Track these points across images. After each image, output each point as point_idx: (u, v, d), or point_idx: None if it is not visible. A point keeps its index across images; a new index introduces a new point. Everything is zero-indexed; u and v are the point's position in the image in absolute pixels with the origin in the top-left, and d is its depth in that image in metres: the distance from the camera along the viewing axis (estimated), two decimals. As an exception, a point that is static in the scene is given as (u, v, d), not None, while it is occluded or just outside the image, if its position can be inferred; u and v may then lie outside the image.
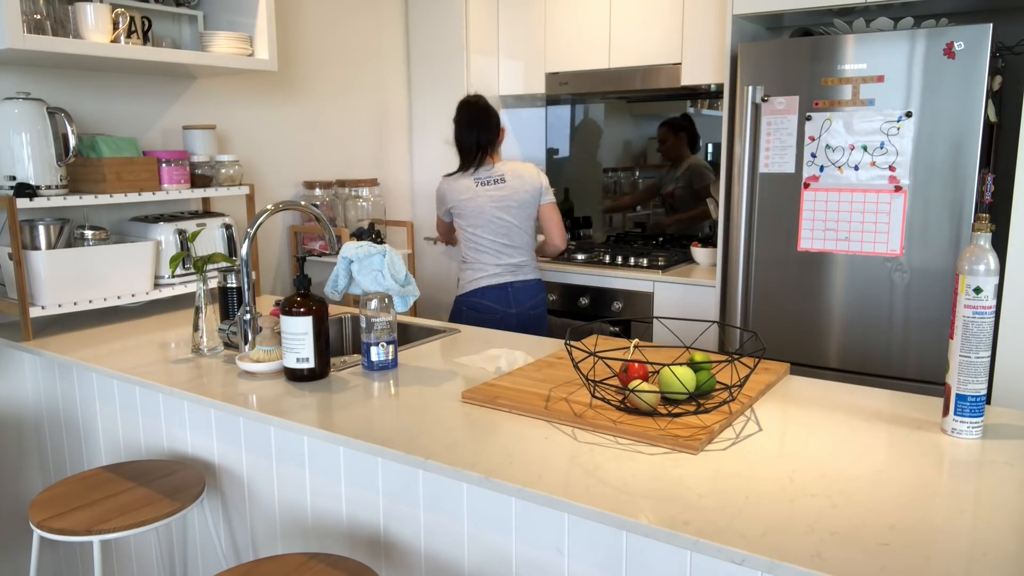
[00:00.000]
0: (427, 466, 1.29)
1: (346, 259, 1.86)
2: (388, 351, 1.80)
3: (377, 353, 1.78)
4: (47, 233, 2.15)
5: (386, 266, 1.84)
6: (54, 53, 2.02)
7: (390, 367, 1.81)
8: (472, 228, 2.68)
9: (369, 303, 1.76)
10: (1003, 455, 1.28)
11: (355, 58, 3.34)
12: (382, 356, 1.79)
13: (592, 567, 1.26)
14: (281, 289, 3.12)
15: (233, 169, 2.60)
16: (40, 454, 2.38)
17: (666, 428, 1.35)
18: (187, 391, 1.68)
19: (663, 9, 3.11)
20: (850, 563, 0.95)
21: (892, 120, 2.42)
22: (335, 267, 1.88)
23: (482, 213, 2.65)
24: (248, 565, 1.44)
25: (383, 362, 1.79)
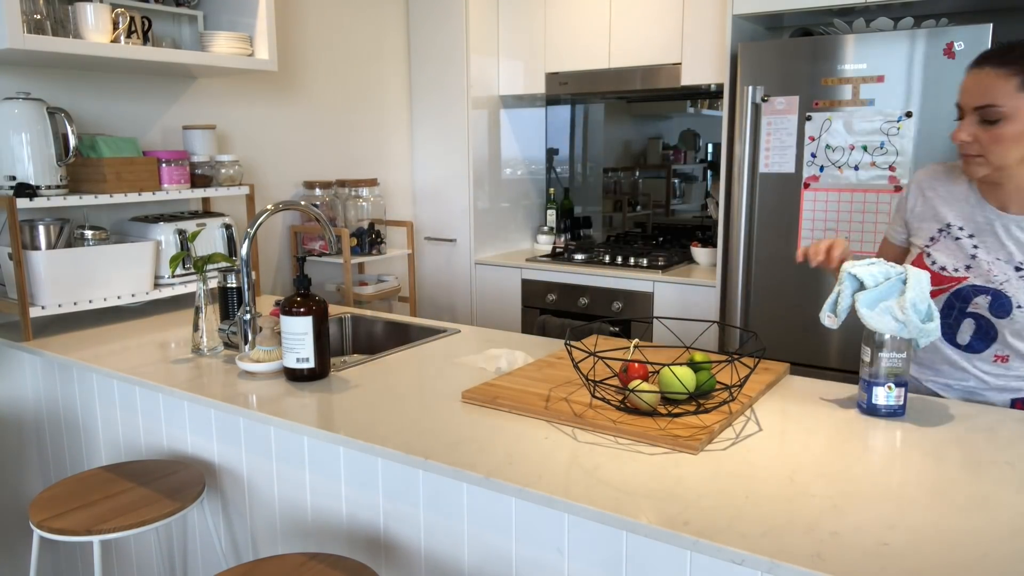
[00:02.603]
0: (427, 466, 1.29)
1: (852, 278, 1.45)
2: (900, 395, 1.43)
3: (886, 396, 1.44)
4: (47, 233, 2.15)
5: (907, 298, 1.38)
6: (54, 53, 2.02)
7: (899, 414, 1.44)
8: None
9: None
10: (1003, 455, 1.28)
11: (355, 58, 3.34)
12: (892, 401, 1.44)
13: (592, 567, 1.26)
14: (281, 289, 3.12)
15: (233, 169, 2.60)
16: (40, 454, 2.38)
17: (666, 428, 1.35)
18: (187, 391, 1.68)
19: (663, 9, 3.11)
20: (850, 563, 0.95)
21: (892, 120, 2.42)
22: (836, 286, 1.48)
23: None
24: (248, 565, 1.44)
25: (891, 408, 1.44)
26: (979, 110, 1.42)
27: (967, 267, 1.54)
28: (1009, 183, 1.48)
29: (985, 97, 1.40)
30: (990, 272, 1.51)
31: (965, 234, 1.55)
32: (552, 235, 3.76)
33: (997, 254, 1.51)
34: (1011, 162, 1.43)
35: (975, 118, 1.43)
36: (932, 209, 1.61)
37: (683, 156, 3.73)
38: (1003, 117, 1.40)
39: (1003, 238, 1.50)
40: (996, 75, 1.39)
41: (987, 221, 1.52)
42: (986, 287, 1.51)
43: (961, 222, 1.56)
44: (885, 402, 1.43)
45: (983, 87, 1.41)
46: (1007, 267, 1.49)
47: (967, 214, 1.55)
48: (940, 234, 1.58)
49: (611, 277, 3.15)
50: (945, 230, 1.58)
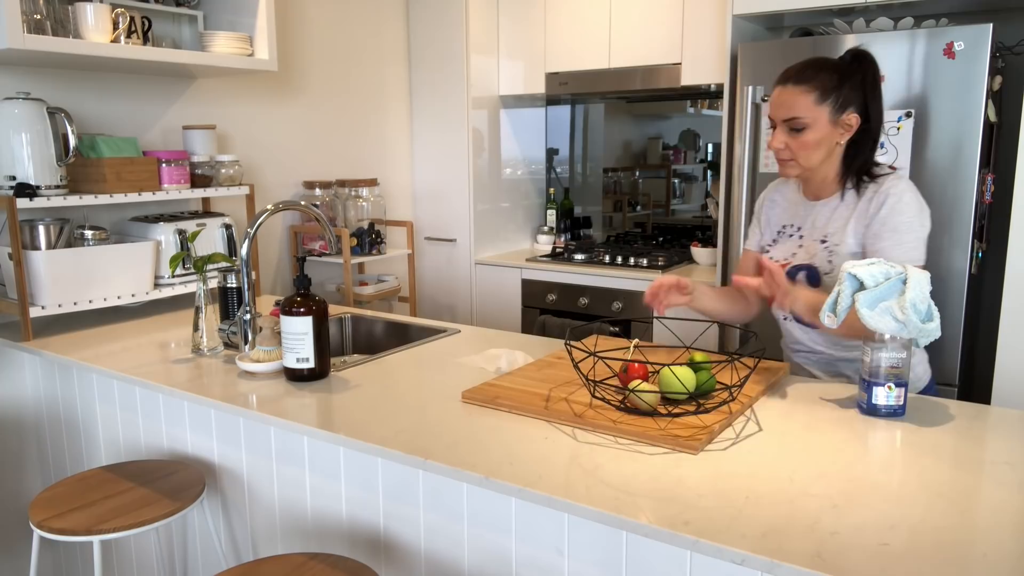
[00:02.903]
0: (427, 466, 1.29)
1: (852, 278, 1.47)
2: (899, 395, 1.44)
3: (886, 396, 1.45)
4: (47, 233, 2.15)
5: (907, 298, 1.40)
6: (54, 53, 2.02)
7: (899, 414, 1.46)
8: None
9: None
10: (1003, 455, 1.28)
11: (355, 58, 3.34)
12: (892, 401, 1.44)
13: (592, 567, 1.26)
14: (281, 289, 3.12)
15: (233, 169, 2.60)
16: (40, 454, 2.38)
17: (666, 428, 1.35)
18: (187, 391, 1.68)
19: (663, 9, 3.11)
20: (850, 563, 0.95)
21: (892, 120, 2.42)
22: (836, 286, 1.49)
23: None
24: (248, 565, 1.44)
25: (891, 408, 1.45)
26: (786, 122, 1.65)
27: (793, 253, 1.77)
28: (816, 177, 1.74)
29: (791, 111, 1.64)
30: (807, 252, 1.74)
31: (794, 228, 1.81)
32: (552, 235, 3.76)
33: (811, 236, 1.75)
34: (815, 163, 1.69)
35: (784, 128, 1.67)
36: (776, 216, 1.87)
37: (683, 156, 3.73)
38: (805, 126, 1.64)
39: (815, 222, 1.76)
40: (797, 91, 1.64)
41: (806, 212, 1.79)
42: (801, 264, 1.73)
43: (791, 221, 1.82)
44: (885, 402, 1.43)
45: (788, 103, 1.64)
46: (816, 244, 1.73)
47: (794, 212, 1.82)
48: (779, 235, 1.84)
49: (611, 277, 3.15)
50: (782, 231, 1.83)
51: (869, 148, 1.70)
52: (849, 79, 1.64)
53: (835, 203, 1.73)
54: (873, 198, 1.66)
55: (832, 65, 1.65)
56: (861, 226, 1.67)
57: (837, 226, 1.70)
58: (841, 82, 1.63)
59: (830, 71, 1.64)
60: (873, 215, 1.64)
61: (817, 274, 1.70)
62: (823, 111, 1.63)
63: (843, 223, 1.69)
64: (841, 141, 1.67)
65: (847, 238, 1.68)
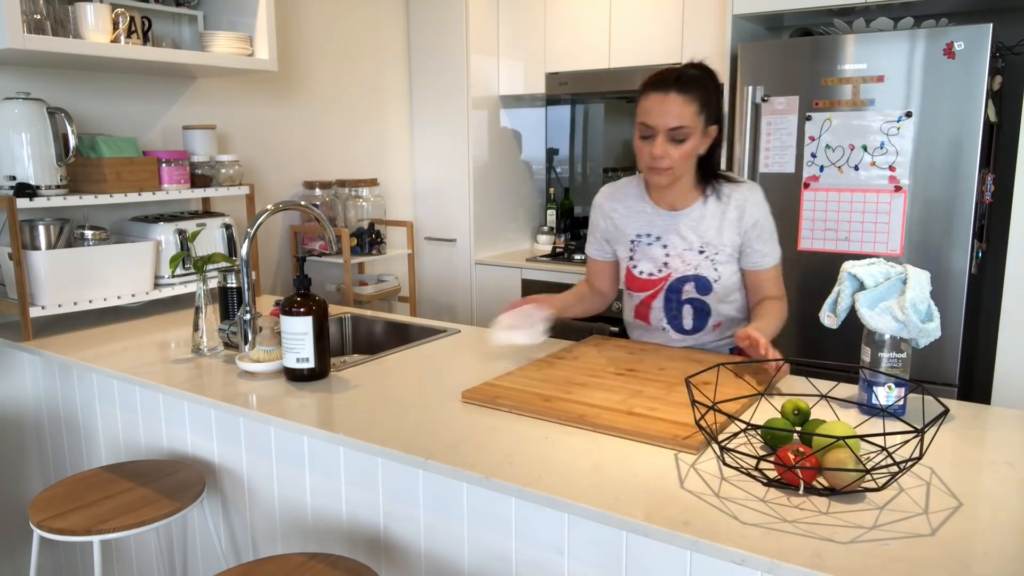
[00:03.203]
0: (427, 466, 1.29)
1: (852, 278, 1.48)
2: (899, 395, 1.43)
3: (886, 396, 1.43)
4: (47, 233, 2.15)
5: (907, 298, 1.39)
6: (54, 53, 2.02)
7: (898, 414, 1.44)
8: None
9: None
10: (1003, 455, 1.28)
11: (355, 58, 3.34)
12: (892, 400, 1.43)
13: (592, 567, 1.26)
14: (281, 289, 3.12)
15: (233, 169, 2.60)
16: (40, 454, 2.38)
17: (677, 436, 1.35)
18: (187, 391, 1.68)
19: (663, 9, 3.11)
20: (850, 563, 0.95)
21: (892, 120, 2.42)
22: (836, 286, 1.50)
23: None
24: (248, 565, 1.44)
25: (891, 408, 1.43)
26: (671, 131, 1.68)
27: (664, 264, 1.84)
28: (676, 186, 1.79)
29: (679, 120, 1.66)
30: (684, 263, 1.81)
31: (652, 238, 1.85)
32: (552, 235, 3.76)
33: (682, 246, 1.82)
34: (685, 173, 1.76)
35: (667, 136, 1.68)
36: (620, 227, 1.91)
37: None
38: (688, 136, 1.68)
39: (682, 232, 1.82)
40: (681, 101, 1.66)
41: (665, 222, 1.83)
42: (687, 275, 1.82)
43: (646, 230, 1.86)
44: (885, 402, 1.43)
45: (674, 112, 1.66)
46: (693, 254, 1.81)
47: (648, 222, 1.86)
48: (634, 244, 1.88)
49: (611, 277, 3.15)
50: (636, 240, 1.88)
51: (718, 158, 1.79)
52: (714, 92, 1.72)
53: (698, 212, 1.80)
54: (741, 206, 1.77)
55: (701, 77, 1.71)
56: (735, 233, 1.78)
57: (711, 235, 1.79)
58: (709, 95, 1.70)
59: (701, 83, 1.70)
60: (749, 224, 1.77)
61: (707, 283, 1.81)
62: (700, 122, 1.69)
63: (716, 231, 1.79)
64: (702, 151, 1.75)
65: (723, 246, 1.79)
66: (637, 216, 1.87)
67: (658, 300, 1.88)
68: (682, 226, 1.81)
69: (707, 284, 1.81)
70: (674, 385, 1.59)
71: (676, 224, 1.82)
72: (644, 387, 1.58)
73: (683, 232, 1.81)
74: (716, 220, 1.79)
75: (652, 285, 1.87)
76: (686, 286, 1.82)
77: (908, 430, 1.22)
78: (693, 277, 1.81)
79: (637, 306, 1.93)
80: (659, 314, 1.90)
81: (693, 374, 1.40)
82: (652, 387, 1.58)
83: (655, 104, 1.68)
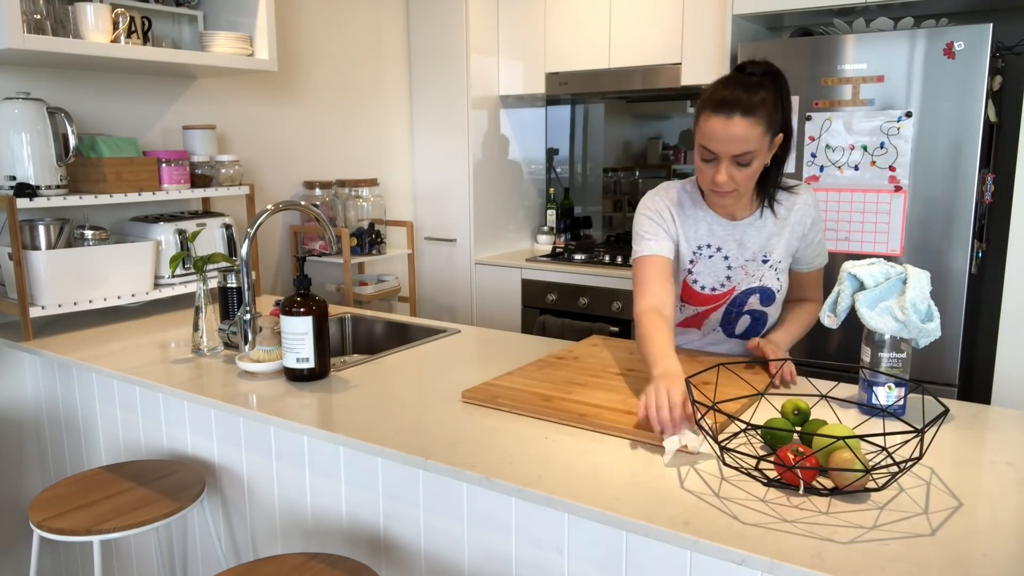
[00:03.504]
0: (427, 466, 1.29)
1: (852, 278, 1.48)
2: (900, 395, 1.43)
3: (886, 396, 1.43)
4: (47, 233, 2.15)
5: (907, 298, 1.39)
6: (54, 53, 2.02)
7: (898, 414, 1.44)
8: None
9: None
10: (1003, 455, 1.28)
11: (355, 58, 3.34)
12: (892, 400, 1.43)
13: (592, 567, 1.26)
14: (281, 289, 3.12)
15: (233, 169, 2.60)
16: (40, 454, 2.38)
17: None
18: (187, 391, 1.68)
19: (663, 9, 3.11)
20: (850, 563, 0.95)
21: (892, 120, 2.42)
22: (836, 286, 1.51)
23: None
24: (248, 565, 1.44)
25: (891, 408, 1.43)
26: (736, 156, 1.55)
27: (728, 278, 1.75)
28: (740, 199, 1.69)
29: (744, 145, 1.54)
30: (748, 275, 1.74)
31: (714, 250, 1.74)
32: (552, 235, 3.76)
33: (744, 257, 1.73)
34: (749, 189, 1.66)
35: (731, 162, 1.57)
36: (691, 235, 1.75)
37: (683, 156, 3.73)
38: (755, 159, 1.57)
39: (745, 242, 1.73)
40: (747, 124, 1.53)
41: (726, 232, 1.73)
42: (752, 287, 1.75)
43: (708, 240, 1.74)
44: (885, 402, 1.43)
45: (740, 138, 1.53)
46: (757, 264, 1.74)
47: (708, 231, 1.74)
48: (696, 255, 1.75)
49: (611, 277, 3.15)
50: (698, 252, 1.75)
51: (782, 164, 1.68)
52: (780, 99, 1.60)
53: (758, 221, 1.73)
54: (803, 212, 1.72)
55: (765, 91, 1.56)
56: (795, 239, 1.74)
57: (773, 243, 1.73)
58: (776, 107, 1.58)
59: (768, 101, 1.56)
60: (808, 227, 1.73)
61: (772, 293, 1.75)
62: (766, 141, 1.58)
63: (778, 240, 1.73)
64: (767, 162, 1.63)
65: (785, 254, 1.74)
66: (702, 224, 1.74)
67: (717, 313, 1.79)
68: (743, 236, 1.72)
69: (771, 295, 1.75)
70: (674, 385, 1.59)
71: (735, 234, 1.72)
72: (644, 387, 1.58)
73: (744, 242, 1.72)
74: (776, 227, 1.73)
75: (714, 300, 1.77)
76: (751, 298, 1.75)
77: (908, 430, 1.22)
78: (758, 289, 1.74)
79: (690, 316, 1.82)
80: (714, 323, 1.82)
81: (693, 374, 1.40)
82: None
83: (718, 129, 1.53)
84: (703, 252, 1.74)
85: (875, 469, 1.12)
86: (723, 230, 1.73)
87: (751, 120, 1.53)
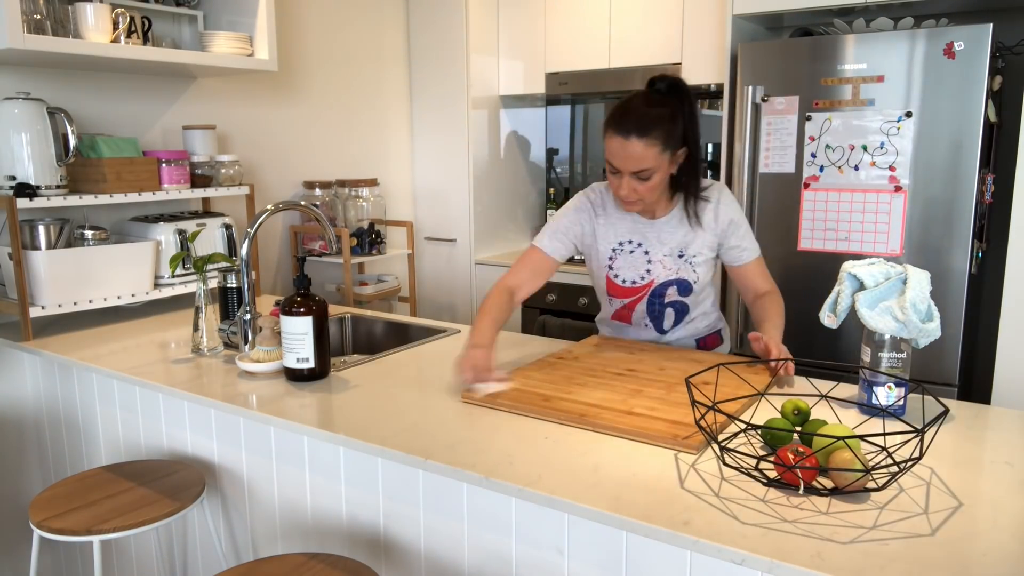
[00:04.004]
0: (427, 466, 1.29)
1: (852, 278, 1.48)
2: (900, 395, 1.42)
3: (886, 396, 1.43)
4: (47, 233, 2.15)
5: (907, 298, 1.39)
6: (54, 53, 2.02)
7: (898, 414, 1.44)
8: None
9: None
10: (1003, 455, 1.28)
11: (355, 58, 3.34)
12: (892, 400, 1.43)
13: (592, 567, 1.26)
14: (281, 289, 3.12)
15: (233, 169, 2.60)
16: (40, 454, 2.38)
17: (677, 436, 1.35)
18: (187, 391, 1.68)
19: (663, 9, 3.11)
20: (850, 563, 0.95)
21: (892, 120, 2.42)
22: (836, 286, 1.51)
23: None
24: (248, 565, 1.44)
25: (891, 408, 1.43)
26: (635, 173, 1.69)
27: (647, 271, 1.87)
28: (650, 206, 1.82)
29: (641, 163, 1.67)
30: (665, 268, 1.86)
31: (635, 245, 1.88)
32: (552, 235, 3.75)
33: (662, 252, 1.86)
34: (657, 197, 1.79)
35: (632, 177, 1.70)
36: (599, 235, 1.90)
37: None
38: (654, 174, 1.70)
39: (663, 238, 1.86)
40: (642, 144, 1.66)
41: (645, 228, 1.87)
42: (669, 279, 1.87)
43: (631, 236, 1.88)
44: (885, 402, 1.43)
45: (637, 157, 1.67)
46: (674, 258, 1.86)
47: (630, 228, 1.88)
48: (615, 252, 1.89)
49: (611, 277, 3.15)
50: (618, 247, 1.89)
51: (693, 169, 1.78)
52: (675, 119, 1.69)
53: (675, 219, 1.86)
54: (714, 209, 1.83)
55: (663, 112, 1.68)
56: (710, 234, 1.85)
57: (689, 239, 1.85)
58: (672, 125, 1.69)
59: (665, 119, 1.68)
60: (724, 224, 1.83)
61: (688, 284, 1.88)
62: (665, 157, 1.70)
63: (693, 236, 1.85)
64: (673, 172, 1.76)
65: (702, 248, 1.85)
66: (620, 223, 1.89)
67: (641, 304, 1.92)
68: (660, 232, 1.86)
69: (688, 286, 1.87)
70: (674, 385, 1.59)
71: (654, 230, 1.86)
72: (644, 387, 1.58)
73: (663, 238, 1.86)
74: (692, 223, 1.85)
75: (635, 292, 1.91)
76: (669, 290, 1.88)
77: (908, 430, 1.22)
78: (675, 281, 1.87)
79: (618, 309, 1.96)
80: (640, 316, 1.94)
81: (693, 374, 1.40)
82: (652, 387, 1.58)
83: (617, 148, 1.68)
84: (624, 247, 1.89)
85: (875, 469, 1.12)
86: (644, 227, 1.87)
87: (646, 140, 1.66)
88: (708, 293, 1.96)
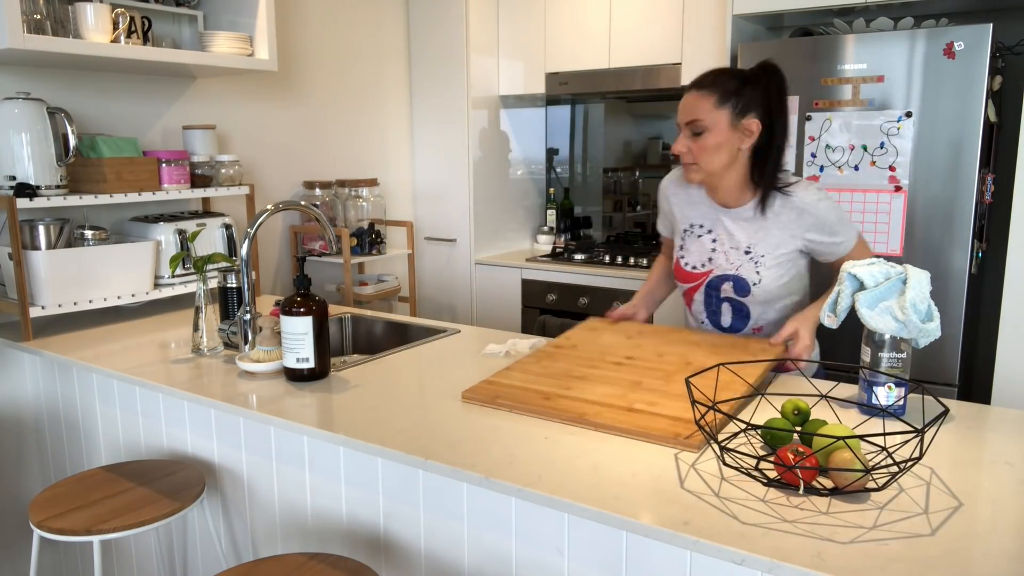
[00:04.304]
0: (427, 466, 1.29)
1: (852, 278, 1.48)
2: (900, 395, 1.42)
3: (886, 396, 1.43)
4: (47, 233, 2.15)
5: (907, 298, 1.39)
6: (54, 53, 2.02)
7: (898, 414, 1.44)
8: None
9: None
10: (1003, 455, 1.28)
11: (355, 58, 3.34)
12: (892, 400, 1.42)
13: (592, 567, 1.26)
14: (281, 289, 3.12)
15: (233, 169, 2.60)
16: (40, 454, 2.38)
17: (678, 435, 1.35)
18: (187, 391, 1.68)
19: (663, 9, 3.11)
20: (850, 563, 0.95)
21: (892, 120, 2.42)
22: (836, 286, 1.51)
23: None
24: (248, 565, 1.44)
25: (891, 408, 1.42)
26: (688, 125, 1.71)
27: (709, 259, 1.85)
28: (721, 184, 1.79)
29: (692, 114, 1.70)
30: (727, 261, 1.82)
31: (704, 230, 1.86)
32: (552, 235, 3.76)
33: (729, 243, 1.82)
34: (717, 168, 1.73)
35: (687, 132, 1.72)
36: (676, 214, 1.93)
37: (683, 156, 3.72)
38: (705, 129, 1.69)
39: (730, 228, 1.82)
40: (698, 96, 1.70)
41: (716, 216, 1.84)
42: (727, 273, 1.82)
43: (699, 220, 1.87)
44: (885, 402, 1.43)
45: (689, 107, 1.71)
46: (738, 253, 1.80)
47: (702, 213, 1.87)
48: (686, 233, 1.90)
49: (611, 277, 3.15)
50: (689, 229, 1.89)
51: (774, 158, 1.74)
52: (750, 85, 1.70)
53: (749, 214, 1.80)
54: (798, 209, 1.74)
55: (735, 72, 1.73)
56: (788, 236, 1.76)
57: (759, 237, 1.78)
58: (741, 87, 1.69)
59: (731, 76, 1.71)
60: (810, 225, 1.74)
61: (746, 285, 1.80)
62: (723, 114, 1.68)
63: (764, 235, 1.78)
64: (743, 147, 1.72)
65: (772, 249, 1.77)
66: (695, 205, 1.88)
67: (699, 293, 1.89)
68: (730, 224, 1.81)
69: (745, 286, 1.80)
70: (672, 373, 1.59)
71: (724, 220, 1.82)
72: (643, 377, 1.58)
73: (732, 229, 1.81)
74: (767, 223, 1.77)
75: (695, 278, 1.88)
76: (724, 284, 1.83)
77: (908, 430, 1.22)
78: (733, 277, 1.81)
79: (684, 292, 1.95)
80: (699, 307, 1.91)
81: (693, 374, 1.40)
82: (651, 377, 1.58)
83: (681, 102, 1.74)
84: (694, 231, 1.88)
85: (875, 469, 1.12)
86: (718, 214, 1.84)
87: (703, 92, 1.69)
88: (783, 305, 1.82)
